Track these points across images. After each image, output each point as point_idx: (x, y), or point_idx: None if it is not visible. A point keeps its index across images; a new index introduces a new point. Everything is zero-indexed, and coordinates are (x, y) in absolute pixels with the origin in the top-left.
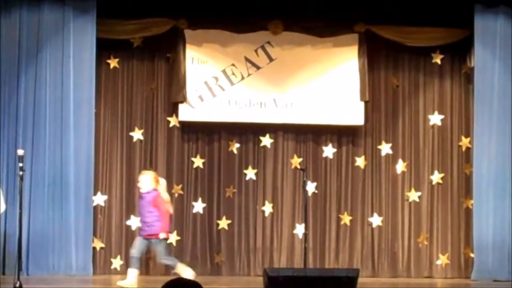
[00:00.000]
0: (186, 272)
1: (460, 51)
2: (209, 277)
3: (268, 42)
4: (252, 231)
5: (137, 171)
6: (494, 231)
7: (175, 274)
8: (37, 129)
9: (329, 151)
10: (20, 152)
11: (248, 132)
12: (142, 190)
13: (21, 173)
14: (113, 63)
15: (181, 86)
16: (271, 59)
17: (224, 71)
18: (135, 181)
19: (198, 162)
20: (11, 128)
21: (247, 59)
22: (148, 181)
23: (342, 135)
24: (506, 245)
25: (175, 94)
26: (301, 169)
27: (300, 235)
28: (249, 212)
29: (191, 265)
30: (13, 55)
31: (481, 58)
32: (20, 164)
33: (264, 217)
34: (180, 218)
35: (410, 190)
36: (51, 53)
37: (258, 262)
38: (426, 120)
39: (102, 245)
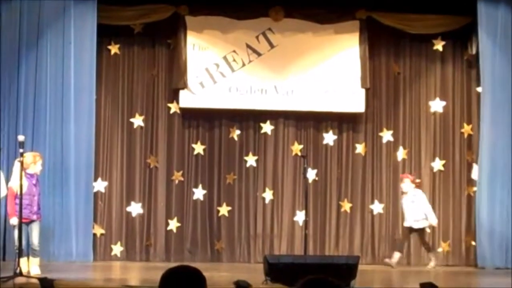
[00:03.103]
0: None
1: (461, 38)
2: (209, 264)
3: (269, 29)
4: (252, 218)
5: (137, 157)
6: (496, 218)
7: None
8: (37, 115)
9: (329, 138)
10: (21, 138)
11: (249, 118)
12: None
13: (21, 158)
14: (114, 49)
15: (182, 72)
16: (272, 46)
17: (225, 58)
18: (135, 167)
19: (198, 148)
20: (12, 114)
21: (248, 46)
22: None
23: (343, 122)
24: (508, 233)
25: (176, 81)
26: (301, 156)
27: (301, 222)
28: (250, 199)
29: (192, 251)
30: (13, 41)
31: (485, 45)
32: (21, 150)
33: (264, 204)
34: (180, 205)
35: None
36: (52, 40)
37: (259, 249)
38: (427, 107)
39: (103, 231)
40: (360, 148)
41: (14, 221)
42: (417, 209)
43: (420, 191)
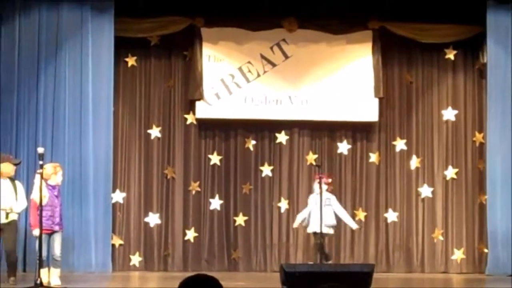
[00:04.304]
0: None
1: (473, 47)
2: (226, 273)
3: (283, 40)
4: (268, 228)
5: (155, 168)
6: (508, 226)
7: None
8: (56, 127)
9: (344, 147)
10: (40, 150)
11: (264, 129)
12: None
13: (41, 170)
14: (131, 61)
15: (198, 83)
16: (286, 56)
17: (240, 69)
18: (153, 178)
19: (215, 159)
20: (31, 126)
21: (262, 57)
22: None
23: (357, 131)
24: None
25: (192, 92)
26: (316, 165)
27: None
28: (265, 209)
29: (209, 261)
30: (32, 54)
31: (493, 54)
32: (40, 162)
33: (280, 214)
34: (197, 215)
35: (423, 186)
36: (70, 52)
37: (275, 258)
38: (439, 115)
39: (121, 242)
40: (374, 157)
41: (37, 232)
42: (330, 214)
43: (334, 197)
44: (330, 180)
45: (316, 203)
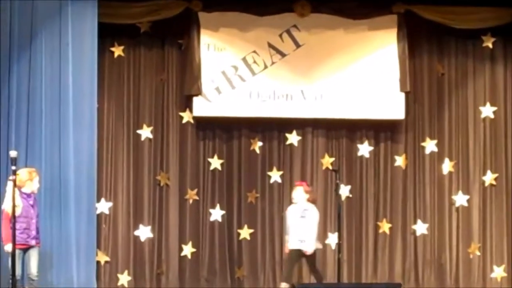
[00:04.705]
0: None
1: None
2: None
3: (294, 26)
4: (278, 242)
5: (146, 173)
6: None
7: None
8: (32, 127)
9: (365, 149)
10: (13, 153)
11: (273, 128)
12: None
13: (14, 177)
14: (118, 51)
15: (196, 77)
16: (297, 45)
17: (244, 59)
18: (144, 185)
19: (215, 163)
20: (3, 126)
21: (270, 45)
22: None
23: (380, 131)
24: None
25: (188, 86)
26: (333, 170)
27: (333, 246)
28: (274, 220)
29: (209, 280)
30: (3, 43)
31: None
32: (13, 167)
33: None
34: (195, 228)
35: (457, 193)
36: (47, 41)
37: None
38: (476, 112)
39: (107, 258)
40: (400, 161)
41: (9, 247)
42: (306, 227)
43: (314, 207)
44: (310, 188)
45: (294, 214)
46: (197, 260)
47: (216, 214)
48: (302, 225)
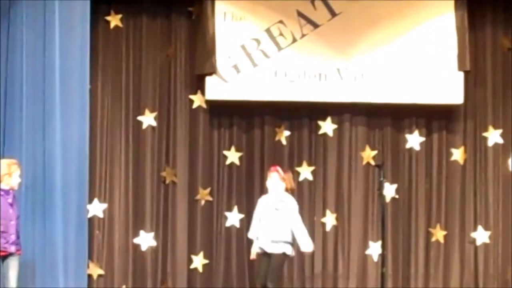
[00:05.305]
0: None
1: None
2: None
3: None
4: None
5: (148, 169)
6: None
7: None
8: (10, 112)
9: (414, 140)
10: None
11: (302, 115)
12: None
13: None
14: (115, 20)
15: (209, 52)
16: (333, 14)
17: (268, 31)
18: (145, 183)
19: (232, 156)
20: None
21: (300, 14)
22: None
23: (433, 118)
24: None
25: (200, 64)
26: (376, 165)
27: (375, 257)
28: (304, 226)
29: None
30: None
31: None
32: None
33: (324, 232)
34: (208, 234)
35: None
36: (29, 9)
37: None
38: None
39: (101, 271)
40: (457, 154)
41: None
42: (280, 223)
43: (291, 198)
44: (289, 174)
45: (267, 207)
46: (209, 274)
47: (233, 218)
48: (276, 221)
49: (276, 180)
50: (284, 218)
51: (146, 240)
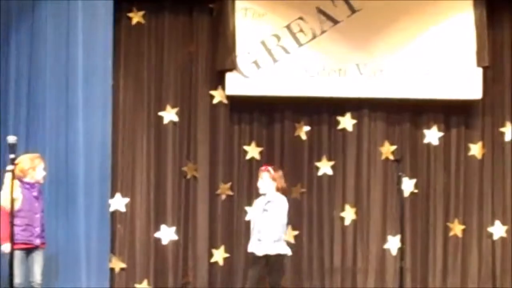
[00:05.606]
0: None
1: None
2: None
3: None
4: (327, 246)
5: (169, 164)
6: None
7: None
8: (33, 108)
9: (433, 135)
10: (11, 139)
11: (322, 110)
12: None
13: (11, 167)
14: (137, 17)
15: (230, 48)
16: (353, 10)
17: (288, 27)
18: (167, 178)
19: (253, 151)
20: None
21: (320, 11)
22: None
23: (452, 113)
24: None
25: (221, 60)
26: (395, 160)
27: (394, 251)
28: (323, 220)
29: None
30: (1, 8)
31: None
32: (11, 156)
33: (343, 227)
34: (229, 229)
35: None
36: (52, 5)
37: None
38: None
39: (123, 265)
40: (475, 149)
41: (6, 248)
42: (270, 223)
43: (281, 197)
44: (279, 173)
45: (257, 208)
46: (230, 268)
47: None
48: (265, 221)
49: (266, 180)
50: (271, 219)
51: (167, 234)
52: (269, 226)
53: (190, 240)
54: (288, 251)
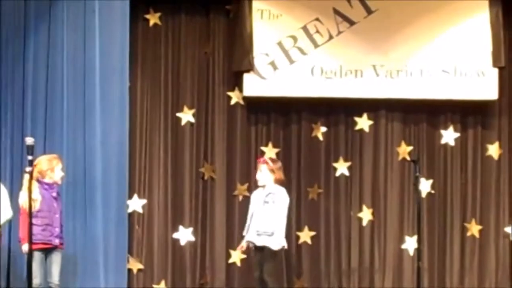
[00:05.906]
0: None
1: None
2: None
3: None
4: (344, 246)
5: (187, 165)
6: None
7: None
8: (51, 110)
9: (450, 136)
10: (29, 140)
11: (339, 111)
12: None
13: (30, 168)
14: (154, 19)
15: (246, 49)
16: (369, 11)
17: (305, 28)
18: (184, 179)
19: (270, 152)
20: (17, 108)
21: (336, 12)
22: None
23: (468, 114)
24: None
25: (238, 61)
26: (411, 161)
27: (411, 252)
28: (341, 221)
29: None
30: (18, 12)
31: None
32: (29, 157)
33: (361, 227)
34: None
35: None
36: (69, 7)
37: None
38: None
39: (141, 266)
40: (492, 150)
41: (26, 247)
42: (269, 216)
43: (283, 190)
44: (277, 165)
45: (256, 200)
46: (248, 268)
47: None
48: (264, 214)
49: (265, 172)
50: (272, 211)
51: (185, 235)
52: (274, 218)
53: (208, 241)
54: (285, 244)
